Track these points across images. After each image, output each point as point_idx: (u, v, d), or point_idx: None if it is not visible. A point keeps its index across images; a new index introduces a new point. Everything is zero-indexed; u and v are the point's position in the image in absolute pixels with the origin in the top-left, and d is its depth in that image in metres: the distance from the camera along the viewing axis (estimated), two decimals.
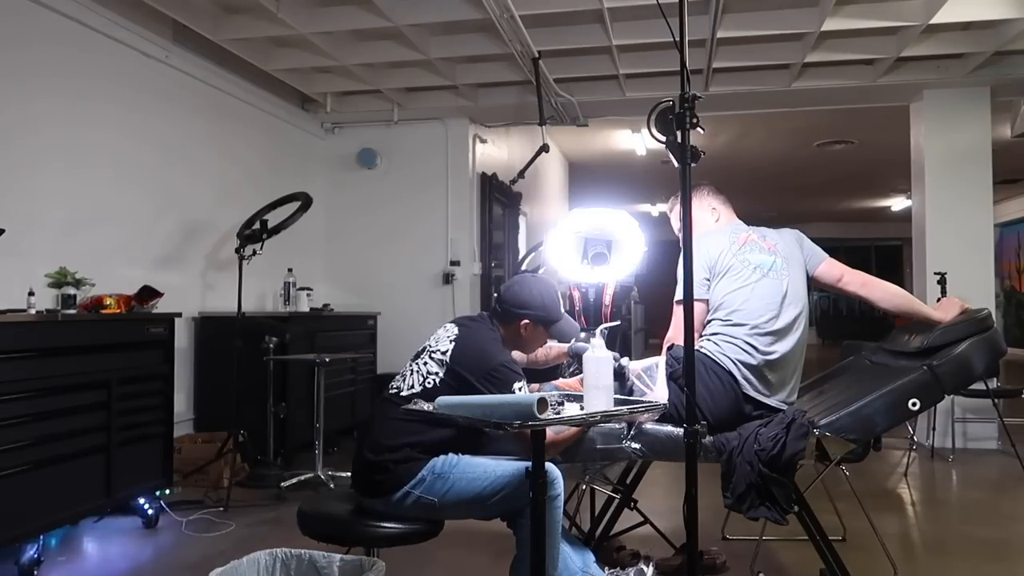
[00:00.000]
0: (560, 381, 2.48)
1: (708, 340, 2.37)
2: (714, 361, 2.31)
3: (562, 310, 2.30)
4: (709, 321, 2.42)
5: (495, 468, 2.03)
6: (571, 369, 2.64)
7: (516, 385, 2.09)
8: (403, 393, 2.13)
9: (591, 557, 2.17)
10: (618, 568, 2.55)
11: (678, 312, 2.35)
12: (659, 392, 2.26)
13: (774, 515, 2.11)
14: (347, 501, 2.18)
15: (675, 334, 2.38)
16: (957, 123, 5.36)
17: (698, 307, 2.37)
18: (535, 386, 2.31)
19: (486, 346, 2.16)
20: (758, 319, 2.33)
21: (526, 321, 2.25)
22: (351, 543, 2.16)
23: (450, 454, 2.08)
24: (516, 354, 2.42)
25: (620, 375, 2.31)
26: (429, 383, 2.12)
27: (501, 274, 6.78)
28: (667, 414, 2.18)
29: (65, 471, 3.00)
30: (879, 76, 5.11)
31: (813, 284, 2.54)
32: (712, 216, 2.63)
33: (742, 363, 2.30)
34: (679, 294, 2.23)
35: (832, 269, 2.52)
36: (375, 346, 5.82)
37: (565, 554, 2.06)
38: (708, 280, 2.42)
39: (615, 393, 1.96)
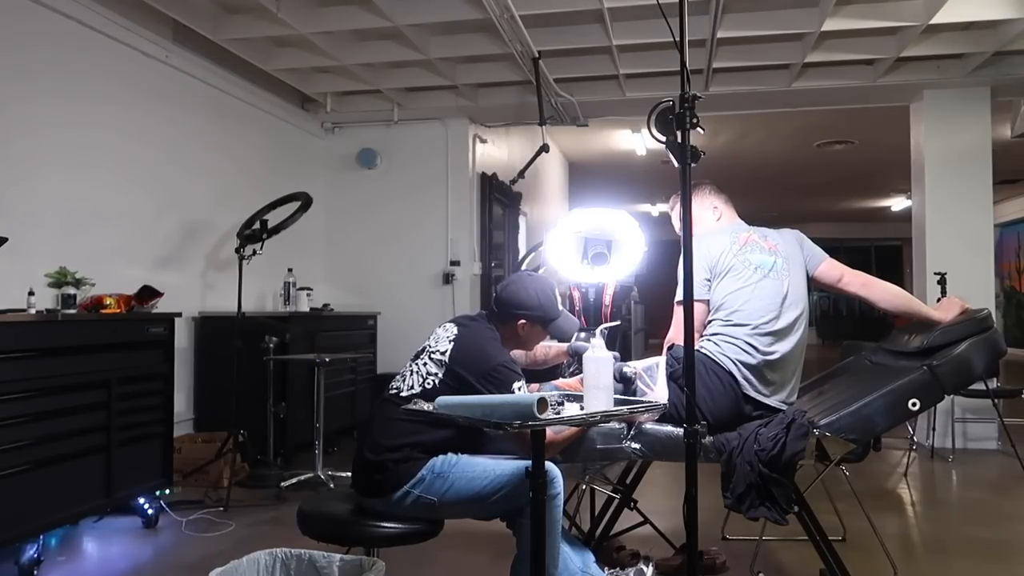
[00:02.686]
0: (560, 381, 2.48)
1: (708, 340, 2.37)
2: (714, 361, 2.31)
3: (560, 307, 2.29)
4: (709, 321, 2.42)
5: (494, 468, 2.03)
6: (571, 369, 2.64)
7: (515, 385, 2.08)
8: (403, 394, 2.13)
9: (591, 557, 2.17)
10: (618, 568, 2.55)
11: (678, 312, 2.35)
12: (659, 392, 2.26)
13: (774, 515, 2.11)
14: (347, 501, 2.18)
15: (675, 334, 2.38)
16: (957, 123, 5.36)
17: (699, 307, 2.36)
18: (535, 386, 2.31)
19: (485, 346, 2.16)
20: (759, 319, 2.33)
21: (523, 321, 2.25)
22: (351, 543, 2.16)
23: (449, 454, 2.08)
24: (516, 353, 2.43)
25: (627, 380, 2.31)
26: (429, 384, 2.12)
27: (501, 274, 6.77)
28: (667, 414, 2.18)
29: (65, 471, 3.00)
30: (879, 76, 5.11)
31: (813, 284, 2.54)
32: (713, 215, 2.63)
33: (742, 363, 2.30)
34: (679, 295, 2.23)
35: (832, 269, 2.52)
36: (375, 346, 5.82)
37: (565, 554, 2.06)
38: (709, 281, 2.42)
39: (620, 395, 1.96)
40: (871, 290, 2.49)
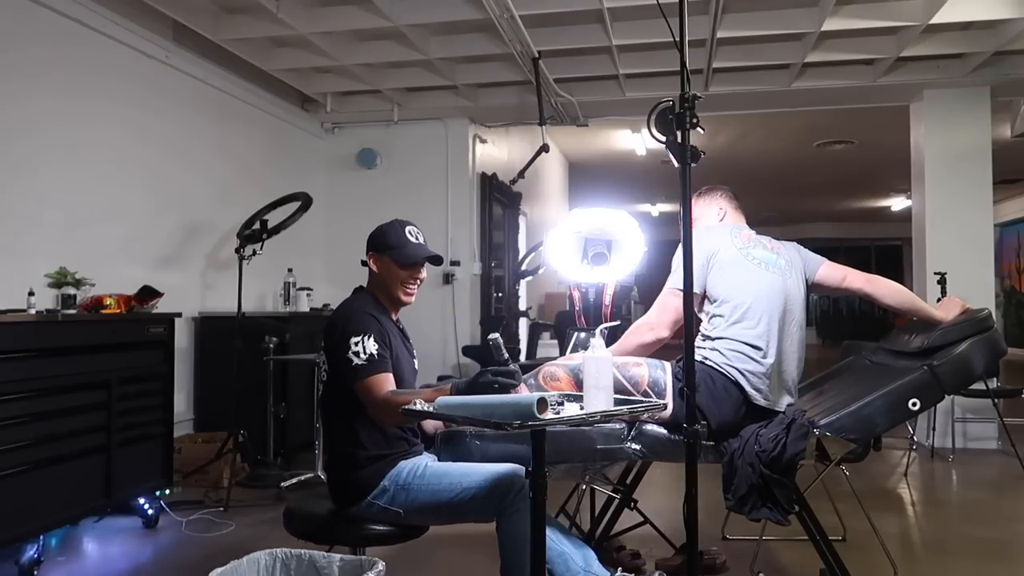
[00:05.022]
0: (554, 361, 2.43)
1: (713, 350, 2.35)
2: (721, 373, 2.30)
3: (407, 237, 2.22)
4: (712, 318, 2.41)
5: (461, 479, 2.02)
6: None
7: (352, 340, 2.03)
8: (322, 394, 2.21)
9: (593, 556, 2.16)
10: (619, 569, 2.55)
11: (662, 299, 2.39)
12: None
13: (775, 516, 2.11)
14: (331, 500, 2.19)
15: (657, 321, 2.38)
16: (957, 123, 5.36)
17: (680, 298, 2.34)
18: (444, 388, 2.06)
19: (341, 311, 2.17)
20: (760, 318, 2.33)
21: (371, 254, 2.24)
22: (330, 542, 2.16)
23: (420, 461, 2.09)
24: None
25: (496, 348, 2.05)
26: (324, 375, 2.19)
27: (501, 274, 6.77)
28: (673, 422, 2.19)
29: (65, 471, 3.00)
30: (879, 76, 5.11)
31: (817, 290, 2.54)
32: (717, 215, 2.62)
33: (749, 372, 2.29)
34: (669, 283, 2.25)
35: (834, 271, 2.52)
36: None
37: (567, 553, 2.05)
38: (703, 271, 2.41)
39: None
40: (875, 286, 2.49)
